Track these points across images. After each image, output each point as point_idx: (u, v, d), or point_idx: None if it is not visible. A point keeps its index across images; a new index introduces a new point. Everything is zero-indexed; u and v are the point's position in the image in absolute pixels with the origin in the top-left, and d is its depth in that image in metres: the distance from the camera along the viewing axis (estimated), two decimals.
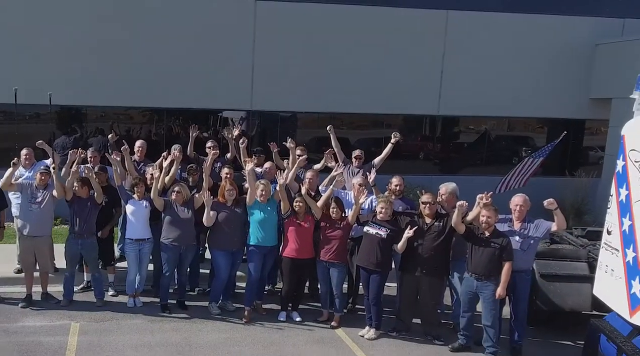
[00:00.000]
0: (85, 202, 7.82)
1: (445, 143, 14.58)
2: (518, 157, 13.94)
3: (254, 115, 13.50)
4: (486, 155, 14.52)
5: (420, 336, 7.37)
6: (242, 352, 6.84)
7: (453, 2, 13.50)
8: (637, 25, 13.76)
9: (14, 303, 8.02)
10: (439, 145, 14.51)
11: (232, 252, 7.87)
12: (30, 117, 12.65)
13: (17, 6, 11.82)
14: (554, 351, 7.14)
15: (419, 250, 7.08)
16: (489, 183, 9.02)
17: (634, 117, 6.20)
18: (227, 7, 12.63)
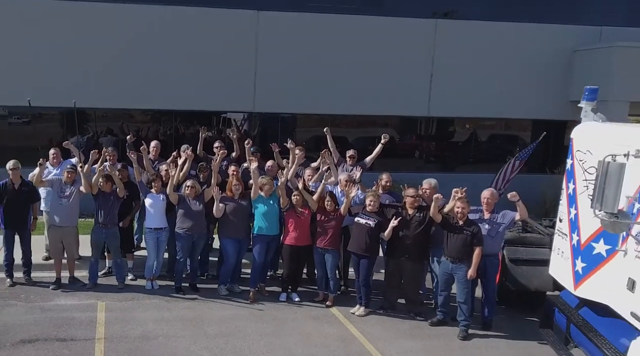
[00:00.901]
0: (108, 196, 8.84)
1: (435, 142, 15.58)
2: (503, 156, 14.92)
3: (256, 116, 14.52)
4: (473, 154, 15.53)
5: (404, 314, 8.40)
6: (248, 326, 7.85)
7: (442, 11, 14.52)
8: (612, 33, 14.72)
9: (45, 285, 9.04)
10: (429, 144, 15.52)
11: (238, 240, 8.89)
12: (49, 119, 13.73)
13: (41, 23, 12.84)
14: (520, 326, 8.15)
15: (402, 238, 8.10)
16: (475, 180, 10.06)
17: (582, 123, 7.14)
18: (232, 17, 13.62)
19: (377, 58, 14.11)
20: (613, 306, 5.86)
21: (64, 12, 12.93)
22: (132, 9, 13.17)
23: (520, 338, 7.78)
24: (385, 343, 7.50)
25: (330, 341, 7.51)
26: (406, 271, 8.27)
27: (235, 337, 7.49)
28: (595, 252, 6.09)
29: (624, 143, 5.62)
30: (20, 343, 7.06)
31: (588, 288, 6.24)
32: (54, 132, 13.58)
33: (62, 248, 9.00)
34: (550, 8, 14.95)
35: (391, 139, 10.69)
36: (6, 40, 12.71)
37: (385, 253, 8.50)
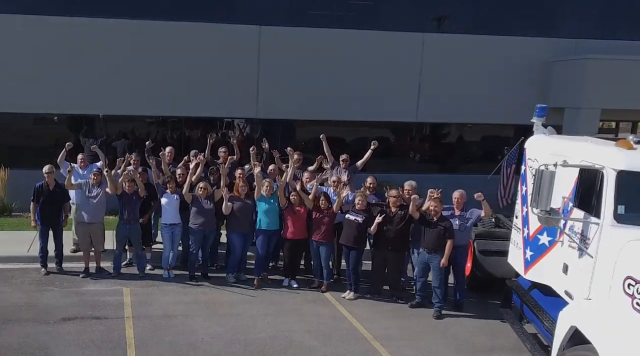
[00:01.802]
0: (131, 196, 10.13)
1: (423, 146, 16.87)
2: (485, 159, 16.19)
3: (258, 122, 15.80)
4: (457, 156, 16.81)
5: (388, 298, 9.70)
6: (253, 308, 9.15)
7: (428, 26, 15.79)
8: (586, 45, 15.96)
9: (74, 274, 10.34)
10: (417, 148, 16.80)
11: (244, 234, 10.20)
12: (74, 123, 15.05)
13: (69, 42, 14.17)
14: (487, 307, 9.42)
15: (386, 233, 9.40)
16: (459, 180, 11.35)
17: (534, 135, 8.43)
18: (236, 32, 14.91)
19: (370, 68, 15.40)
20: (553, 286, 7.17)
21: (91, 31, 14.30)
22: (150, 25, 14.45)
23: (485, 317, 9.08)
24: (370, 322, 8.79)
25: (323, 320, 8.82)
26: (390, 261, 9.58)
27: (242, 317, 8.79)
28: (540, 242, 7.39)
29: (558, 154, 6.93)
30: (62, 321, 8.36)
31: (535, 273, 7.54)
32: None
33: (90, 241, 10.30)
34: (530, 22, 16.19)
35: (382, 142, 11.98)
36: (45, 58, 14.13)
37: (372, 245, 9.80)
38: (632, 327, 5.42)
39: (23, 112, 14.47)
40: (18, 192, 13.70)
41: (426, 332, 8.55)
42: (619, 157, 6.19)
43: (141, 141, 13.65)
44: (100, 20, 14.27)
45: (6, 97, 14.11)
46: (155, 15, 14.46)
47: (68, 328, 8.15)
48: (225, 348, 7.70)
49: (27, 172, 13.59)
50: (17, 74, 14.11)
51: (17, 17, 14.05)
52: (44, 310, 8.75)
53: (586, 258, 6.36)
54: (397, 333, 8.42)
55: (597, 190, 6.27)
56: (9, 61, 14.08)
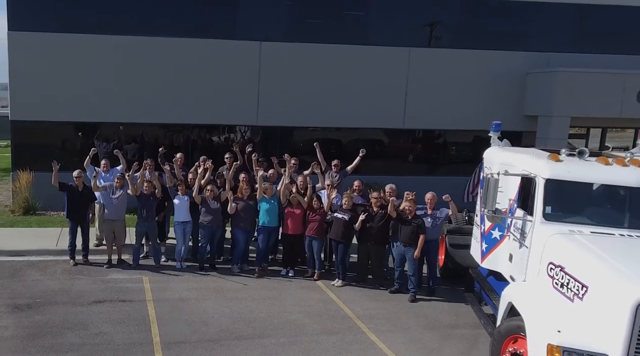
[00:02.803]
0: (148, 196, 11.67)
1: (409, 150, 18.38)
2: (464, 162, 17.66)
3: (259, 128, 17.32)
4: (441, 160, 18.33)
5: (371, 285, 11.24)
6: (255, 293, 10.68)
7: (414, 41, 17.30)
8: (558, 58, 17.52)
9: (99, 265, 11.87)
10: (404, 152, 18.31)
11: (247, 230, 11.75)
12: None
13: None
14: (455, 293, 10.94)
15: (369, 229, 10.94)
16: (440, 182, 12.85)
17: (491, 146, 9.96)
18: (239, 47, 16.42)
19: (361, 80, 16.95)
20: (502, 273, 8.73)
21: (111, 48, 15.88)
22: (164, 41, 16.01)
23: (453, 301, 10.62)
24: (354, 304, 10.34)
25: (314, 303, 10.36)
26: (372, 253, 11.13)
27: (246, 300, 10.34)
28: (493, 236, 8.95)
29: (505, 163, 8.49)
30: (94, 303, 9.91)
31: (489, 262, 9.10)
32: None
33: (113, 236, 11.84)
34: (507, 37, 17.71)
35: (372, 147, 13.45)
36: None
37: (357, 240, 11.35)
38: (550, 302, 6.97)
39: (46, 120, 16.03)
40: (42, 192, 15.35)
41: (402, 312, 10.09)
42: (548, 167, 7.73)
43: (149, 145, 15.39)
44: (116, 37, 15.80)
45: (30, 107, 15.69)
46: (169, 33, 16.02)
47: (99, 309, 9.69)
48: (232, 325, 9.25)
49: (48, 174, 15.17)
50: (41, 86, 15.65)
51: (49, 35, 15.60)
52: (77, 294, 10.29)
53: (524, 248, 7.92)
54: (377, 313, 9.97)
55: (532, 194, 7.82)
56: (37, 76, 15.61)
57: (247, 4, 16.52)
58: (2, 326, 8.85)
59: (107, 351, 8.20)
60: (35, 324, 8.99)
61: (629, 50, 17.80)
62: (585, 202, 7.69)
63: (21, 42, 15.55)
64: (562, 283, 6.92)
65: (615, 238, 7.16)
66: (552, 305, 6.90)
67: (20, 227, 14.25)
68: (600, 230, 7.32)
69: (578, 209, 7.65)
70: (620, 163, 7.63)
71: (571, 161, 7.89)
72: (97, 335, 8.72)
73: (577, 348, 6.20)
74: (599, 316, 6.25)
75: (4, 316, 9.22)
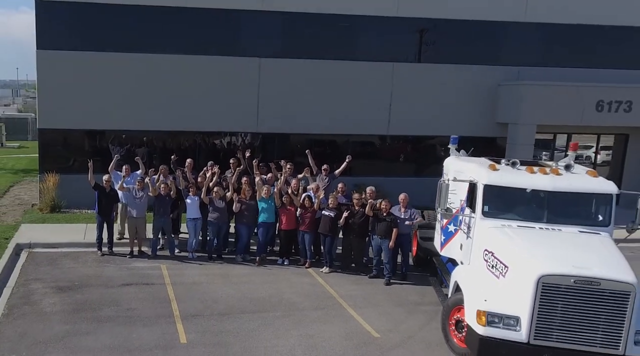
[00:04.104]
0: (165, 197, 13.73)
1: (393, 154, 20.41)
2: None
3: (258, 134, 19.36)
4: (422, 163, 20.34)
5: (354, 272, 13.30)
6: (256, 279, 12.72)
7: (397, 57, 19.33)
8: (527, 71, 19.60)
9: (122, 255, 13.90)
10: (389, 155, 20.34)
11: (249, 226, 13.80)
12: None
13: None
14: (424, 277, 13.00)
15: (351, 224, 13.00)
16: (421, 182, 14.83)
17: (450, 156, 12.01)
18: (241, 63, 18.48)
19: (350, 91, 19.02)
20: (456, 259, 10.79)
21: (128, 64, 17.98)
22: (175, 58, 18.08)
23: (421, 284, 12.69)
24: (339, 287, 12.40)
25: (305, 286, 12.43)
26: (354, 245, 13.20)
27: (248, 284, 12.40)
28: (449, 230, 11.02)
29: (459, 171, 10.56)
30: (122, 286, 11.97)
31: (446, 251, 11.19)
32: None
33: (135, 231, 13.90)
34: (482, 53, 19.76)
35: (359, 151, 15.51)
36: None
37: (342, 234, 13.41)
38: (483, 279, 9.03)
39: (70, 128, 18.11)
40: (66, 192, 17.51)
41: (378, 293, 12.16)
42: (486, 175, 9.80)
43: (159, 149, 17.53)
44: (133, 55, 17.85)
45: (56, 116, 17.75)
46: (180, 50, 18.12)
47: (128, 290, 11.76)
48: (238, 303, 11.32)
49: (72, 176, 17.44)
50: (65, 98, 17.71)
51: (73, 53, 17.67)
52: (107, 278, 12.36)
53: (469, 239, 9.99)
54: (357, 294, 12.03)
55: (475, 196, 9.88)
56: (62, 89, 17.66)
57: (249, 26, 18.53)
58: (52, 303, 10.92)
59: (138, 322, 10.27)
60: (77, 301, 11.07)
61: (589, 64, 19.88)
62: (515, 202, 9.71)
63: (48, 59, 17.62)
64: (493, 265, 8.99)
65: (535, 230, 9.22)
66: (485, 281, 8.98)
67: (50, 223, 16.31)
68: (525, 224, 9.38)
69: (509, 208, 9.69)
70: (542, 172, 9.68)
71: (505, 170, 9.95)
72: (128, 309, 10.79)
73: (497, 311, 8.26)
74: (515, 289, 8.31)
75: (51, 296, 11.29)
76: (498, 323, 8.26)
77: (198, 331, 9.97)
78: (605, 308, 7.86)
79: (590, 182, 9.50)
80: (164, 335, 9.77)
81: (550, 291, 7.97)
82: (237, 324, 10.33)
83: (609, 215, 9.36)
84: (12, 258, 13.37)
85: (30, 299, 11.13)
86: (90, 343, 9.42)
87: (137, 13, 17.83)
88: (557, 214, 9.39)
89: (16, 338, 9.48)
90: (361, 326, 10.46)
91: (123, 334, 9.76)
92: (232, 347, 9.44)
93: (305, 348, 9.54)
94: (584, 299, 7.90)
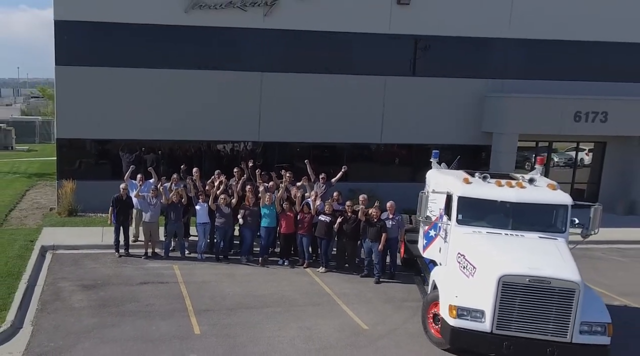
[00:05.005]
0: (177, 204, 15.18)
1: (385, 161, 21.85)
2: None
3: (260, 143, 20.79)
4: (413, 169, 21.73)
5: (347, 271, 14.76)
6: (259, 277, 14.17)
7: (389, 71, 20.76)
8: (511, 84, 21.04)
9: (137, 256, 15.36)
10: (382, 163, 21.77)
11: (252, 230, 15.25)
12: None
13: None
14: (409, 276, 14.47)
15: (345, 228, 14.46)
16: (413, 188, 16.08)
17: (432, 169, 13.46)
18: (244, 77, 19.91)
19: (346, 103, 20.47)
20: (436, 260, 12.24)
21: (141, 78, 19.43)
22: (184, 73, 19.54)
23: (407, 282, 14.15)
24: (334, 285, 13.85)
25: (303, 284, 13.89)
26: (347, 247, 14.66)
27: (252, 282, 13.86)
28: (430, 235, 12.47)
29: (438, 183, 12.00)
30: (140, 284, 13.43)
31: (428, 253, 12.64)
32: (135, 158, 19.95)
33: (150, 235, 15.35)
34: (469, 67, 21.17)
35: (354, 158, 17.17)
36: None
37: (336, 237, 14.86)
38: (456, 279, 10.49)
39: (86, 138, 19.58)
40: (82, 197, 18.93)
41: (368, 291, 13.62)
42: (460, 187, 11.24)
43: (168, 156, 19.07)
44: (146, 70, 19.30)
45: (73, 127, 19.21)
46: (189, 66, 19.60)
47: (145, 288, 13.21)
48: (243, 299, 12.77)
49: (88, 182, 18.91)
50: (82, 110, 19.15)
51: (89, 69, 19.11)
52: (126, 277, 13.82)
53: (446, 243, 11.44)
54: (350, 291, 13.49)
55: (451, 206, 11.33)
56: (79, 102, 19.11)
57: (251, 43, 19.92)
58: (79, 299, 12.38)
59: (157, 315, 11.73)
60: (101, 298, 12.53)
61: (569, 77, 21.35)
62: (485, 211, 11.13)
63: (66, 75, 19.06)
64: (464, 266, 10.45)
65: (501, 236, 10.67)
66: (457, 280, 10.44)
67: (70, 227, 17.76)
68: (493, 231, 10.82)
69: (480, 216, 11.11)
70: (509, 185, 11.13)
71: (477, 183, 11.39)
72: (147, 305, 12.25)
73: (466, 306, 9.72)
74: (481, 287, 9.76)
75: (78, 293, 12.75)
76: (466, 316, 9.72)
77: (209, 323, 11.42)
78: (555, 303, 9.32)
79: (549, 194, 10.95)
80: (180, 327, 11.23)
81: (509, 288, 9.43)
82: (243, 318, 11.77)
83: (565, 223, 10.82)
84: (39, 259, 14.80)
85: (60, 296, 12.58)
86: (116, 334, 10.87)
87: (147, 31, 19.23)
88: (520, 222, 10.83)
89: (52, 330, 10.93)
90: (352, 320, 11.92)
91: (144, 326, 11.22)
92: (239, 338, 10.88)
93: (303, 338, 10.98)
94: (537, 295, 9.36)
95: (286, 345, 10.67)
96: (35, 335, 10.70)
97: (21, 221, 18.57)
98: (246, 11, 19.44)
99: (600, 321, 9.43)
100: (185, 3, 19.13)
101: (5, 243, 15.62)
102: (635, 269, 16.06)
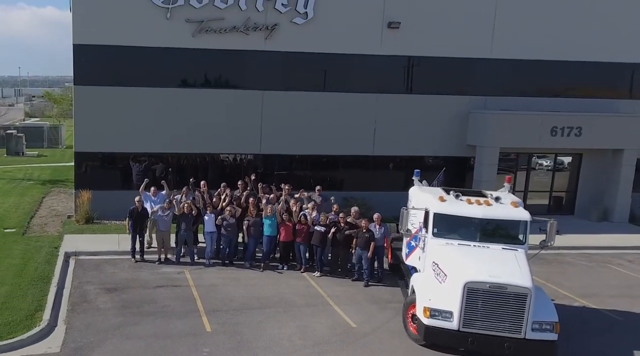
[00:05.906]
0: (187, 215, 16.92)
1: (377, 172, 23.55)
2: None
3: (261, 156, 22.52)
4: (402, 179, 23.43)
5: (340, 276, 16.50)
6: (261, 281, 15.90)
7: (381, 89, 22.48)
8: (493, 101, 22.78)
9: (152, 262, 17.10)
10: (374, 173, 23.47)
11: (255, 238, 17.01)
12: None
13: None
14: (395, 281, 16.20)
15: (338, 237, 16.21)
16: (402, 196, 17.87)
17: (414, 186, 15.20)
18: (247, 95, 21.65)
19: (340, 118, 22.19)
20: (416, 267, 13.99)
21: (152, 97, 21.17)
22: (191, 92, 21.32)
23: (392, 286, 15.87)
24: (327, 288, 15.59)
25: (301, 287, 15.63)
26: (340, 255, 16.43)
27: (255, 285, 15.60)
28: (411, 245, 14.21)
29: (419, 199, 13.75)
30: (156, 287, 15.17)
31: (409, 260, 14.38)
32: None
33: (162, 242, 17.10)
34: (454, 85, 22.91)
35: (348, 169, 19.20)
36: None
37: (331, 245, 16.61)
38: (430, 284, 12.24)
39: (102, 151, 21.32)
40: (98, 206, 20.65)
41: (358, 293, 15.37)
42: (436, 204, 12.98)
43: (175, 167, 20.91)
44: (157, 89, 21.03)
45: (90, 141, 20.94)
46: (195, 85, 21.35)
47: (161, 291, 14.96)
48: (247, 300, 14.52)
49: (103, 192, 20.63)
50: (98, 126, 20.88)
51: (105, 88, 20.84)
52: (144, 281, 15.56)
53: (424, 253, 13.18)
54: (341, 294, 15.24)
55: (428, 220, 13.06)
56: (95, 118, 20.84)
57: (253, 63, 21.64)
58: (104, 301, 14.14)
59: (173, 315, 13.47)
60: (123, 300, 14.27)
61: (547, 94, 23.11)
62: (457, 225, 12.84)
63: (84, 94, 20.82)
64: (437, 273, 12.20)
65: (470, 247, 12.41)
66: (431, 286, 12.19)
67: (88, 234, 19.51)
68: (463, 243, 12.56)
69: (453, 230, 12.84)
70: (477, 203, 12.87)
71: (451, 200, 13.12)
72: (163, 306, 13.99)
73: (437, 308, 11.47)
74: (450, 291, 11.51)
75: (102, 296, 14.50)
76: (438, 316, 11.47)
77: (219, 322, 13.17)
78: (510, 305, 11.08)
79: (512, 211, 12.69)
80: (193, 326, 12.98)
81: (473, 293, 11.19)
82: (248, 317, 13.52)
83: (525, 236, 12.56)
84: (64, 264, 16.54)
85: (86, 298, 14.33)
86: (139, 331, 12.62)
87: (158, 54, 20.96)
88: (487, 235, 12.58)
89: (83, 328, 12.68)
90: (343, 319, 13.67)
91: (162, 325, 12.97)
92: (245, 335, 12.63)
93: (300, 335, 12.73)
94: (496, 299, 11.12)
95: (285, 341, 12.41)
96: (69, 333, 12.44)
97: (42, 228, 20.29)
98: (248, 35, 21.15)
99: (549, 320, 11.19)
100: (193, 28, 20.84)
101: (32, 250, 17.37)
102: (598, 273, 17.83)
